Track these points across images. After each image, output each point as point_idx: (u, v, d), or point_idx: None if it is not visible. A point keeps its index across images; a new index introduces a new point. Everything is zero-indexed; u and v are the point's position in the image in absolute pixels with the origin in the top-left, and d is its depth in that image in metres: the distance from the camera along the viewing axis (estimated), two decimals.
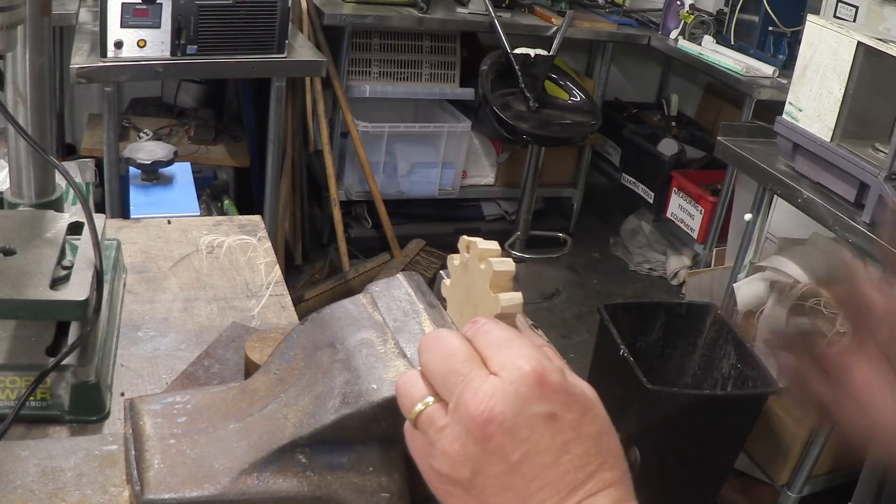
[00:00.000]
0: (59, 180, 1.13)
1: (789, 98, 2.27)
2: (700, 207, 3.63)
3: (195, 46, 2.61)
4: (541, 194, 4.06)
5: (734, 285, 2.62)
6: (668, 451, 2.28)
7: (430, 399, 0.56)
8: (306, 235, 3.74)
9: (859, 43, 2.04)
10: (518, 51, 3.52)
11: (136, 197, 1.54)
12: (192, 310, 1.16)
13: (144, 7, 2.51)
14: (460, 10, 3.62)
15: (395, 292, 0.78)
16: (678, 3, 3.76)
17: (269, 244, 1.36)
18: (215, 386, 0.83)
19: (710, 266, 3.50)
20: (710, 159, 3.69)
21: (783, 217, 2.93)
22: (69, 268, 0.91)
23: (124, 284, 1.17)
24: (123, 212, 2.52)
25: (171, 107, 3.72)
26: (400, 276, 0.80)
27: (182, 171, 1.63)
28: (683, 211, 3.74)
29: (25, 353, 0.89)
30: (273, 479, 0.68)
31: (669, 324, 2.62)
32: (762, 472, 2.59)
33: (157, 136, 3.40)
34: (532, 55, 3.54)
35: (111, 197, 2.73)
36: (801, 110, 2.23)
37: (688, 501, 2.50)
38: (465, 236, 0.69)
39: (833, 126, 2.13)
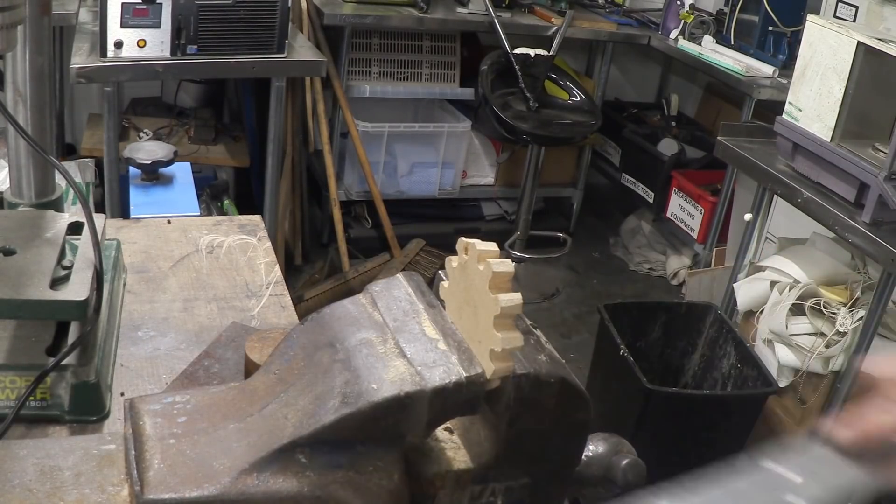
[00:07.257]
0: (59, 180, 1.13)
1: (789, 98, 2.27)
2: (700, 207, 3.63)
3: (195, 46, 2.61)
4: (541, 194, 4.06)
5: (734, 285, 2.62)
6: (668, 451, 2.28)
7: None
8: (306, 235, 3.74)
9: (859, 43, 2.04)
10: (518, 51, 3.52)
11: (136, 197, 1.54)
12: (192, 310, 1.16)
13: (144, 7, 2.51)
14: (460, 10, 3.62)
15: (395, 292, 0.78)
16: (678, 3, 3.76)
17: (268, 244, 1.36)
18: (215, 386, 0.83)
19: (710, 266, 3.50)
20: (710, 159, 3.69)
21: (783, 217, 2.94)
22: (69, 268, 0.91)
23: (124, 284, 1.17)
24: (123, 212, 2.52)
25: (171, 107, 3.71)
26: (400, 276, 0.80)
27: (182, 171, 1.63)
28: (683, 211, 3.74)
29: (25, 353, 0.89)
30: (273, 479, 0.68)
31: (669, 324, 2.62)
32: None
33: (157, 136, 3.39)
34: (532, 55, 3.54)
35: (111, 197, 2.73)
36: (801, 110, 2.23)
37: None
38: (463, 238, 0.69)
39: (833, 126, 2.13)
